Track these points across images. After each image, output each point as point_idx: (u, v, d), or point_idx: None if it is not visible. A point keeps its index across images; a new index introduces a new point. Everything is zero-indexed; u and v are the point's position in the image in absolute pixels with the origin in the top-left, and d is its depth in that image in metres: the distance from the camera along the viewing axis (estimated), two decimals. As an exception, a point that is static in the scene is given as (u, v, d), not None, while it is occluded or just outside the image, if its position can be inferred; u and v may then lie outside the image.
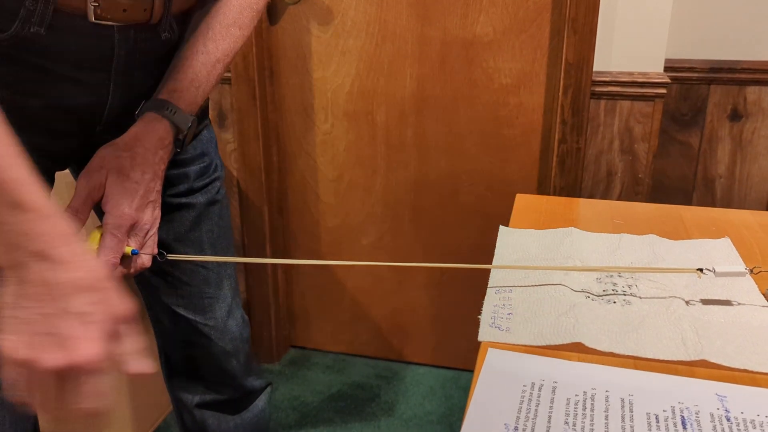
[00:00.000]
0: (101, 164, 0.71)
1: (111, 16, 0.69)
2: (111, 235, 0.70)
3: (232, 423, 1.05)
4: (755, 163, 1.62)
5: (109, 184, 0.71)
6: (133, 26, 0.72)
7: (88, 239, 0.71)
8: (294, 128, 1.76)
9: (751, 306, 0.74)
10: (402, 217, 1.78)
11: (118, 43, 0.72)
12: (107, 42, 0.71)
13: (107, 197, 0.71)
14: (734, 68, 1.55)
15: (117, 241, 0.70)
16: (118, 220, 0.70)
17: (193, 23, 0.80)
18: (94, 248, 0.71)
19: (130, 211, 0.71)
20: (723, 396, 0.59)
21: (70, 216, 0.70)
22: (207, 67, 0.77)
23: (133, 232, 0.72)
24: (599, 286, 0.78)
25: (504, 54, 1.56)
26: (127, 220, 0.71)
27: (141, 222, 0.72)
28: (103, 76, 0.74)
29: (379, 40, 1.62)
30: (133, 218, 0.71)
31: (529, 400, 0.57)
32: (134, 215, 0.71)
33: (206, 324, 0.95)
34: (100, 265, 0.61)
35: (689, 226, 0.97)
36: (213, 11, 0.79)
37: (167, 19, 0.75)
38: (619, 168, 1.51)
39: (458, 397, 1.79)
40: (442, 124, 1.66)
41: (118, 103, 0.77)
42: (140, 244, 0.73)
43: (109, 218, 0.70)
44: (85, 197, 0.70)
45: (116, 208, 0.70)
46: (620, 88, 1.44)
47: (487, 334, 0.68)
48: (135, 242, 0.72)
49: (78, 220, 0.70)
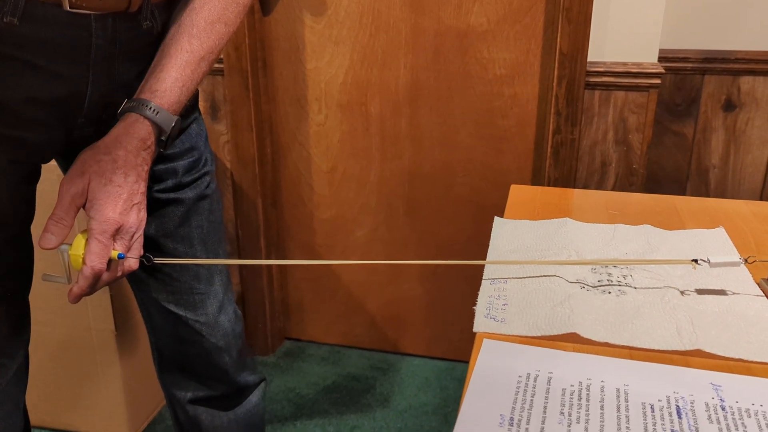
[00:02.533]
0: (82, 169, 0.70)
1: (87, 5, 0.67)
2: (96, 240, 0.69)
3: (225, 419, 1.04)
4: (749, 153, 1.63)
5: (91, 189, 0.69)
6: (111, 15, 0.70)
7: (73, 245, 0.70)
8: (287, 120, 1.75)
9: (745, 295, 0.74)
10: (396, 209, 1.78)
11: (95, 32, 0.70)
12: (84, 32, 0.69)
13: (90, 203, 0.70)
14: (728, 58, 1.55)
15: (102, 246, 0.69)
16: (103, 226, 0.69)
17: (177, 17, 0.77)
18: (79, 254, 0.69)
19: (114, 216, 0.70)
20: (718, 385, 0.59)
21: (53, 225, 0.69)
22: (191, 66, 0.75)
23: (119, 236, 0.71)
24: (594, 276, 0.78)
25: (498, 44, 1.56)
26: (111, 225, 0.69)
27: (126, 225, 0.71)
28: (81, 68, 0.72)
29: (372, 30, 1.61)
30: (117, 222, 0.70)
31: (524, 391, 0.57)
32: (119, 219, 0.70)
33: (197, 320, 0.94)
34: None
35: (684, 215, 0.97)
36: (197, 7, 0.77)
37: (148, 8, 0.73)
38: (614, 158, 1.51)
39: (453, 388, 1.79)
40: (436, 115, 1.66)
41: (98, 94, 0.75)
42: (126, 248, 0.72)
43: (94, 224, 0.69)
44: (68, 204, 0.69)
45: (100, 213, 0.69)
46: (614, 79, 1.44)
47: (482, 325, 0.68)
48: (121, 245, 0.72)
49: (62, 227, 0.69)
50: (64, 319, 1.48)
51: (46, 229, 0.69)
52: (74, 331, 1.50)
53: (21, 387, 0.83)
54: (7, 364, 0.79)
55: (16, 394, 0.81)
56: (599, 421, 0.54)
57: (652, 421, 0.54)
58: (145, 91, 0.74)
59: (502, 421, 0.53)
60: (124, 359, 1.52)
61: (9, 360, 0.79)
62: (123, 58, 0.75)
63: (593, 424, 0.53)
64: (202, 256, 0.93)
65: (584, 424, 0.53)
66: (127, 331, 1.51)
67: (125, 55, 0.75)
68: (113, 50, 0.73)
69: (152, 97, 0.73)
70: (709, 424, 0.54)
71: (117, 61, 0.75)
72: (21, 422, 0.84)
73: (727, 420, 0.54)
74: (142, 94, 0.74)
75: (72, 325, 1.49)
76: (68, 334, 1.50)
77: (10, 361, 0.79)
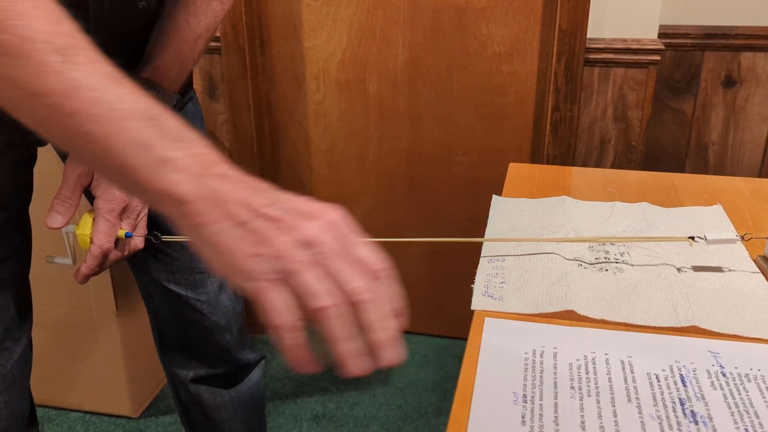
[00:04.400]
0: None
1: None
2: (103, 219, 0.69)
3: (227, 396, 1.05)
4: (748, 129, 1.62)
5: None
6: None
7: (80, 224, 0.71)
8: (285, 98, 1.75)
9: (741, 272, 0.74)
10: (395, 187, 1.78)
11: (93, 12, 0.69)
12: (82, 12, 0.68)
13: (96, 182, 0.70)
14: (728, 34, 1.54)
15: (110, 225, 0.70)
16: (110, 204, 0.69)
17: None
18: (86, 233, 0.70)
19: (120, 194, 0.70)
20: (716, 353, 0.60)
21: (59, 204, 0.69)
22: (189, 44, 0.75)
23: (125, 215, 0.72)
24: (592, 254, 0.78)
25: (497, 21, 1.55)
26: (118, 204, 0.70)
27: (132, 204, 0.72)
28: None
29: (370, 7, 1.60)
30: (124, 201, 0.71)
31: (533, 368, 0.58)
32: (125, 198, 0.71)
33: (198, 299, 0.95)
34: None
35: (681, 193, 0.97)
36: None
37: None
38: (613, 136, 1.51)
39: (452, 365, 1.81)
40: (435, 93, 1.65)
41: None
42: (132, 226, 0.73)
43: (100, 202, 0.69)
44: (74, 184, 0.70)
45: (106, 192, 0.70)
46: (614, 55, 1.43)
47: (480, 302, 0.68)
48: (127, 224, 0.72)
49: (69, 207, 0.70)
50: (66, 299, 1.49)
51: (52, 209, 0.69)
52: (76, 311, 1.51)
53: (26, 370, 0.83)
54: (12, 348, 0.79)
55: (22, 377, 0.82)
56: (609, 393, 0.55)
57: (659, 391, 0.55)
58: (144, 71, 0.74)
59: (516, 399, 0.54)
60: (125, 339, 1.53)
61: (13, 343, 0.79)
62: (119, 36, 0.75)
63: (604, 396, 0.54)
64: None
65: (595, 397, 0.54)
66: (129, 311, 1.52)
67: (121, 34, 0.75)
68: (110, 31, 0.73)
69: (152, 75, 0.73)
70: (713, 390, 0.55)
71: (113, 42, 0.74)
72: (27, 405, 0.85)
73: (729, 386, 0.56)
74: (141, 73, 0.74)
75: (74, 305, 1.50)
76: (70, 314, 1.51)
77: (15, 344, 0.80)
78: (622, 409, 0.53)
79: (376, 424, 1.60)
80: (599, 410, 0.53)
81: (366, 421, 1.61)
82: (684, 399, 0.54)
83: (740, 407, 0.53)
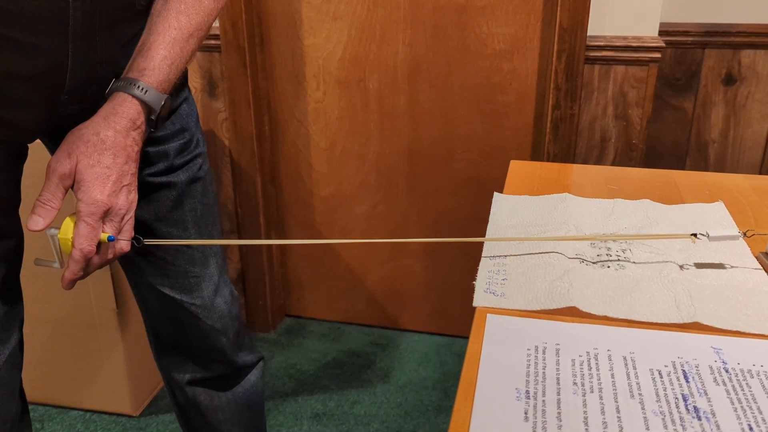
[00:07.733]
0: (70, 150, 0.68)
1: None
2: (84, 222, 0.68)
3: (224, 399, 1.04)
4: (749, 127, 1.62)
5: (79, 170, 0.68)
6: None
7: (61, 228, 0.69)
8: (285, 96, 1.75)
9: (744, 269, 0.74)
10: (396, 185, 1.78)
11: (73, 4, 0.68)
12: (62, 3, 0.67)
13: (78, 184, 0.68)
14: (729, 32, 1.54)
15: (91, 228, 0.68)
16: (91, 208, 0.68)
17: None
18: (68, 237, 0.68)
19: (102, 198, 0.68)
20: (718, 348, 0.60)
21: (40, 207, 0.68)
22: (180, 43, 0.73)
23: (108, 218, 0.70)
24: (593, 251, 0.78)
25: (497, 19, 1.55)
26: (100, 207, 0.68)
27: (115, 207, 0.70)
28: (60, 40, 0.69)
29: (370, 5, 1.60)
30: (106, 204, 0.69)
31: (535, 364, 0.58)
32: (107, 201, 0.69)
33: (193, 303, 0.94)
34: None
35: (683, 190, 0.97)
36: None
37: None
38: (613, 134, 1.50)
39: (453, 363, 1.81)
40: (435, 91, 1.65)
41: (80, 69, 0.73)
42: (117, 230, 0.71)
43: (82, 206, 0.68)
44: (56, 186, 0.68)
45: (88, 195, 0.68)
46: (614, 53, 1.43)
47: (482, 299, 0.68)
48: (111, 228, 0.70)
49: (49, 209, 0.68)
50: (66, 298, 1.49)
51: (33, 211, 0.68)
52: (76, 309, 1.50)
53: (16, 371, 0.81)
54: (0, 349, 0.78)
55: (11, 378, 0.80)
56: (612, 389, 0.55)
57: (662, 386, 0.55)
58: (132, 70, 0.72)
59: (519, 395, 0.54)
60: (125, 337, 1.53)
61: (2, 345, 0.78)
62: (105, 31, 0.73)
63: (606, 392, 0.54)
64: (197, 239, 0.91)
65: (598, 393, 0.54)
66: (129, 309, 1.52)
67: (107, 29, 0.73)
68: (93, 23, 0.71)
69: (140, 75, 0.71)
70: (716, 386, 0.55)
71: (98, 35, 0.73)
72: (17, 407, 0.83)
73: (732, 381, 0.56)
74: (130, 73, 0.72)
75: (73, 303, 1.50)
76: (70, 312, 1.51)
77: (3, 345, 0.78)
78: (624, 405, 0.53)
79: (377, 422, 1.60)
80: (602, 406, 0.53)
81: (366, 419, 1.61)
82: (687, 395, 0.54)
83: (743, 403, 0.53)
